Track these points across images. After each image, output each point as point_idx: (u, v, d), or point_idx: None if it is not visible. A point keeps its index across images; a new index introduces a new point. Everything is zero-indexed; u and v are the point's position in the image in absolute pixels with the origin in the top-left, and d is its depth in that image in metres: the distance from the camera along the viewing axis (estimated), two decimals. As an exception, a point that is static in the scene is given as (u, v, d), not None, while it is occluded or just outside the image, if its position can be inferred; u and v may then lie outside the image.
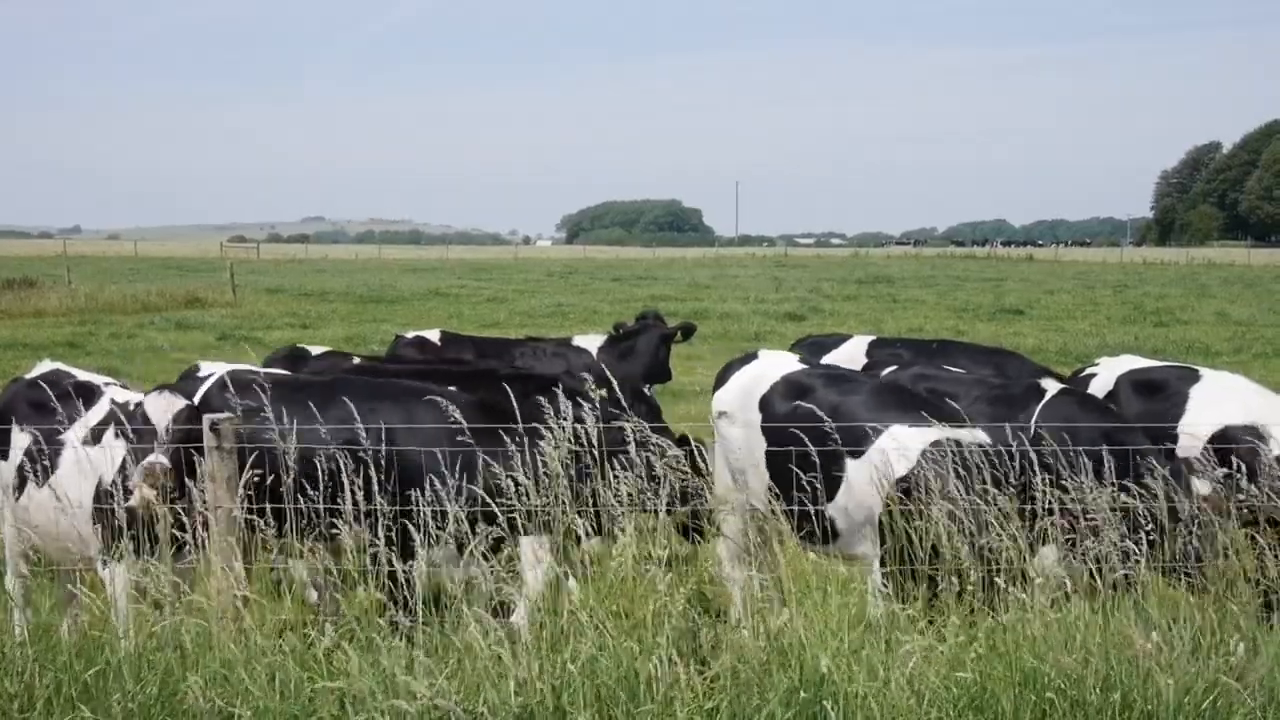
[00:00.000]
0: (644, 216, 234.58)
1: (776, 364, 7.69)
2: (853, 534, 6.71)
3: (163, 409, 6.70)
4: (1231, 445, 6.41)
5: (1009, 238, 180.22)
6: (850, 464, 6.60)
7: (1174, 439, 7.15)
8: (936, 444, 6.33)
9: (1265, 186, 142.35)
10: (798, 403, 7.05)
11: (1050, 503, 5.99)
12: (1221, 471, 6.12)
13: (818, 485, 6.44)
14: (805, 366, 7.67)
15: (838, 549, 6.78)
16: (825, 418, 6.56)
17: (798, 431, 6.54)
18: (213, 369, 8.08)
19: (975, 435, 6.49)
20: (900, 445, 6.46)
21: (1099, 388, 8.31)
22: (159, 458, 6.46)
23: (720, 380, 7.85)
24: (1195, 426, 6.90)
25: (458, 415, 6.60)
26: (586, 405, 6.51)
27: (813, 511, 6.54)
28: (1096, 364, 8.91)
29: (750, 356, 7.95)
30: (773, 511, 6.51)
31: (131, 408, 6.81)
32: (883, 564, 6.32)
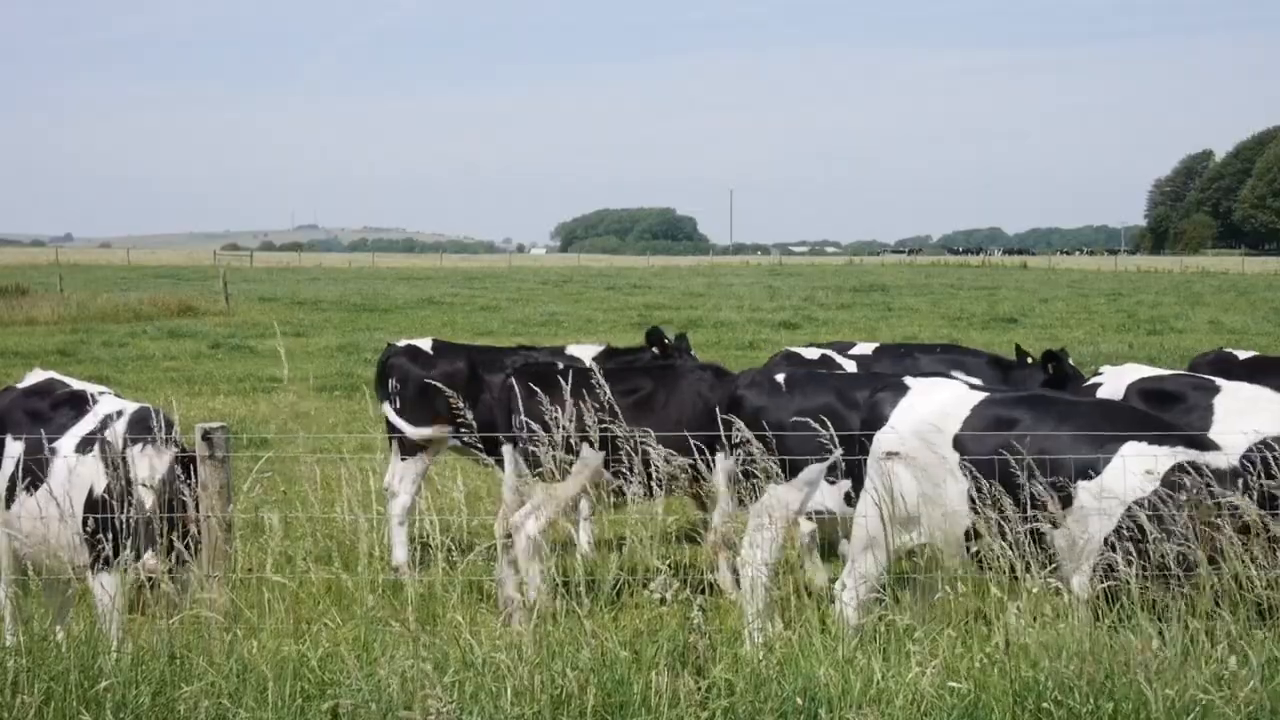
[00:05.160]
0: (638, 225, 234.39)
1: (948, 393, 6.90)
2: (1076, 561, 6.26)
3: (148, 466, 6.67)
4: (1276, 454, 6.19)
5: (1004, 246, 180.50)
6: (1082, 486, 6.20)
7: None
8: (1181, 456, 6.12)
9: (1258, 195, 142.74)
10: (1010, 435, 6.36)
11: None
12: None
13: (1044, 516, 6.13)
14: (990, 394, 6.89)
15: (1053, 578, 6.19)
16: (1047, 447, 6.25)
17: (1007, 464, 6.22)
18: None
19: (1214, 445, 6.30)
20: (1143, 461, 6.13)
21: (1104, 397, 8.16)
22: (154, 561, 6.47)
23: (874, 417, 6.95)
24: (1230, 436, 6.69)
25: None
26: None
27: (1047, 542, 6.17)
28: (1100, 373, 8.82)
29: (898, 387, 7.06)
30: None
31: (125, 419, 6.80)
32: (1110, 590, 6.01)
